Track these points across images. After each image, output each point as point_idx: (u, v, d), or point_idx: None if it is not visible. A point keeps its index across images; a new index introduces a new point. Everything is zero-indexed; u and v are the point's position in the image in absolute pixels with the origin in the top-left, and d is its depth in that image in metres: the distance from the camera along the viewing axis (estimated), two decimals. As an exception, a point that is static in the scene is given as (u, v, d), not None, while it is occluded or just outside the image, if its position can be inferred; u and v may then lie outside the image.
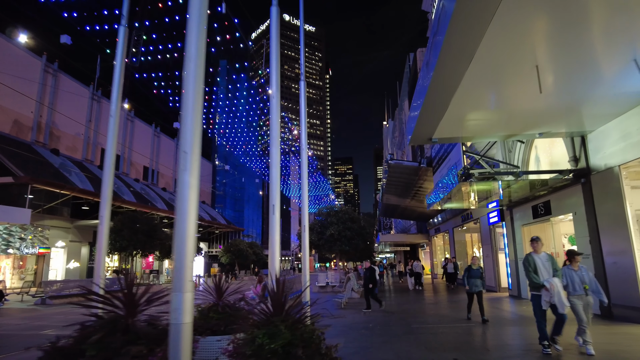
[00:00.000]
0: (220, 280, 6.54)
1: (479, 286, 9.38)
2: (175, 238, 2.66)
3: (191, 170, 2.72)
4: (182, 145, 2.76)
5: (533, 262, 6.17)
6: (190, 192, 2.72)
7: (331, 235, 20.90)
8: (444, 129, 8.57)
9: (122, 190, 30.45)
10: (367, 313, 11.50)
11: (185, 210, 2.70)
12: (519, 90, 7.08)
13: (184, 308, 2.56)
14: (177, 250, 2.64)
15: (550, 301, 5.80)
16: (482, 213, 17.88)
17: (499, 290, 16.13)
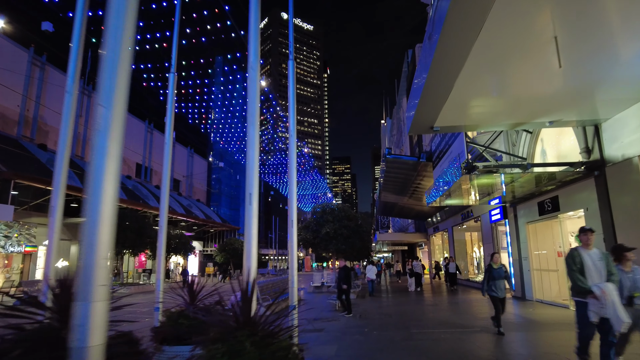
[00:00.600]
0: (194, 282, 5.80)
1: (504, 290, 7.93)
2: (84, 225, 1.90)
3: (110, 131, 1.97)
4: (100, 98, 2.01)
5: (580, 259, 4.59)
6: (108, 162, 1.97)
7: (327, 234, 20.16)
8: (446, 116, 7.84)
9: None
10: (353, 317, 10.76)
11: (100, 184, 1.94)
12: (529, 72, 6.36)
13: (92, 324, 1.80)
14: (85, 242, 1.89)
15: (599, 313, 4.33)
16: (483, 211, 17.18)
17: (501, 291, 15.43)
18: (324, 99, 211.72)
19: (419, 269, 18.69)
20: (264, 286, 12.01)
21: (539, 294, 12.11)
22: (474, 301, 13.48)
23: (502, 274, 7.99)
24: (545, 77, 6.58)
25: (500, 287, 7.88)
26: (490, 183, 10.07)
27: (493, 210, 15.61)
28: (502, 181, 12.20)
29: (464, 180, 10.02)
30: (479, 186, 10.56)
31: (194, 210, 41.81)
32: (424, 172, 15.74)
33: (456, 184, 10.27)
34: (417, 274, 18.50)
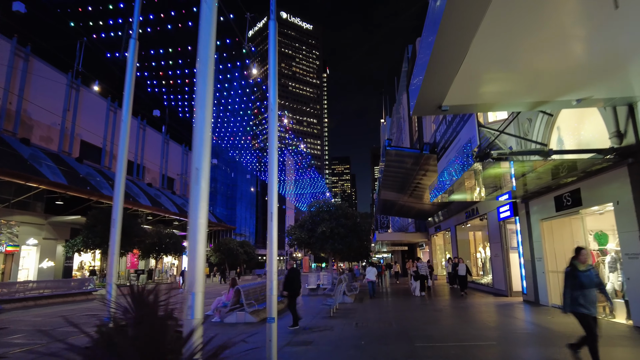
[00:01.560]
0: (144, 288, 4.62)
1: (596, 303, 5.31)
2: None
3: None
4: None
5: None
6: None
7: (322, 233, 18.98)
8: (456, 93, 6.67)
9: (102, 185, 28.41)
10: (349, 325, 9.56)
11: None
12: (555, 36, 5.20)
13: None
14: None
15: None
16: (490, 208, 16.03)
17: (511, 295, 14.26)
18: (323, 99, 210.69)
19: (424, 271, 16.98)
20: (250, 290, 10.83)
21: (556, 298, 10.93)
22: (484, 307, 12.30)
23: (594, 279, 5.30)
24: (574, 43, 5.43)
25: (592, 300, 5.22)
26: (504, 173, 8.91)
27: (502, 207, 14.45)
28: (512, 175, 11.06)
29: (474, 171, 8.86)
30: (491, 177, 9.40)
31: (188, 209, 40.61)
32: (426, 166, 14.56)
33: (466, 175, 9.11)
34: (422, 276, 16.76)
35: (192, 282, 2.87)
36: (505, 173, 8.81)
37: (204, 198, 3.02)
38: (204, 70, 3.10)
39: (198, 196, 2.99)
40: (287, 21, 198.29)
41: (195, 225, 2.96)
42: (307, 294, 18.68)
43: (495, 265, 15.73)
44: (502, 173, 8.80)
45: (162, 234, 27.67)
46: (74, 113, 30.23)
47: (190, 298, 2.87)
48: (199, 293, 2.88)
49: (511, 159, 8.01)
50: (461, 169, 9.02)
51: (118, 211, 5.89)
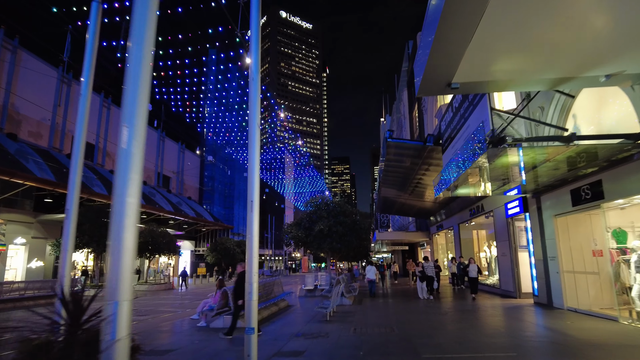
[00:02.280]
0: (81, 294, 3.72)
1: None
2: None
3: None
4: None
5: None
6: None
7: (320, 231, 18.06)
8: (467, 69, 5.79)
9: (93, 182, 27.52)
10: (347, 331, 8.67)
11: None
12: None
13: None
14: None
15: None
16: (497, 204, 15.16)
17: (520, 296, 13.38)
18: (322, 98, 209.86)
19: (431, 271, 15.29)
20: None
21: (572, 301, 10.06)
22: (493, 309, 11.42)
23: None
24: (603, 5, 4.56)
25: None
26: (518, 162, 8.02)
27: (510, 202, 13.58)
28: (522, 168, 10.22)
29: (485, 160, 7.97)
30: (503, 168, 8.51)
31: (184, 208, 39.69)
32: (430, 160, 13.67)
33: (476, 165, 8.21)
34: (430, 277, 15.18)
35: (114, 288, 1.99)
36: (519, 162, 7.93)
37: (134, 176, 2.15)
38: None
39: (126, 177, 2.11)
40: (286, 20, 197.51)
41: (122, 205, 2.09)
42: (305, 295, 17.80)
43: (503, 265, 14.86)
44: (517, 162, 7.92)
45: (155, 232, 26.77)
46: (65, 108, 29.37)
47: (111, 308, 1.99)
48: (123, 302, 2.01)
49: (528, 145, 7.13)
50: (471, 158, 8.14)
51: (73, 201, 5.01)
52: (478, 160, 8.21)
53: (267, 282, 13.13)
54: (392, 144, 13.10)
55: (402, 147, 13.54)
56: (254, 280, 4.35)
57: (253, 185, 4.45)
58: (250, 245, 4.38)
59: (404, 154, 13.91)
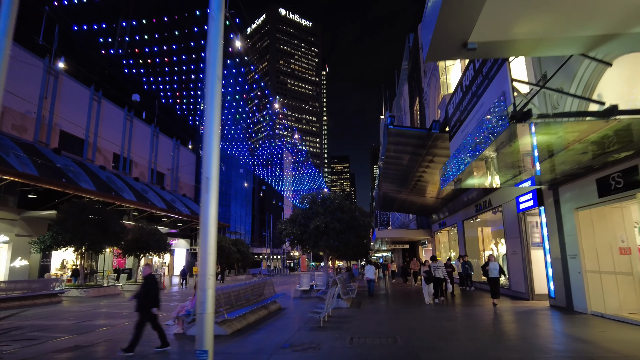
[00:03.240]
0: None
1: None
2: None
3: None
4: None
5: None
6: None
7: (316, 228, 16.91)
8: (487, 26, 4.68)
9: (80, 177, 26.35)
10: (342, 341, 7.51)
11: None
12: None
13: None
14: None
15: None
16: (506, 198, 14.02)
17: (533, 298, 12.25)
18: (322, 97, 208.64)
19: (440, 272, 13.04)
20: (221, 295, 8.79)
21: (598, 304, 8.92)
22: (507, 314, 10.28)
23: None
24: None
25: None
26: (542, 144, 6.87)
27: (522, 196, 12.44)
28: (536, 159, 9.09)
29: (504, 141, 6.83)
30: (524, 150, 7.33)
31: (178, 205, 38.53)
32: (435, 149, 12.52)
33: (492, 149, 7.07)
34: (438, 279, 12.98)
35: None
36: (550, 142, 6.76)
37: None
38: None
39: None
40: (285, 18, 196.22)
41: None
42: (299, 297, 16.68)
43: (513, 264, 13.72)
44: (542, 143, 6.76)
45: (144, 230, 25.60)
46: (52, 101, 28.15)
47: None
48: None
49: (558, 121, 5.98)
50: (486, 140, 7.00)
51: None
52: (493, 143, 7.06)
53: (256, 283, 11.99)
54: (393, 132, 11.95)
55: (405, 136, 12.38)
56: (208, 285, 3.22)
57: (210, 156, 3.32)
58: (204, 237, 3.26)
59: (407, 143, 12.76)
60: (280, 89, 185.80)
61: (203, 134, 2.91)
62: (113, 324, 10.16)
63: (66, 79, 29.81)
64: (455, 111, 9.80)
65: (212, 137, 3.34)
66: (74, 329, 9.28)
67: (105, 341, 7.78)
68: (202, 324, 3.16)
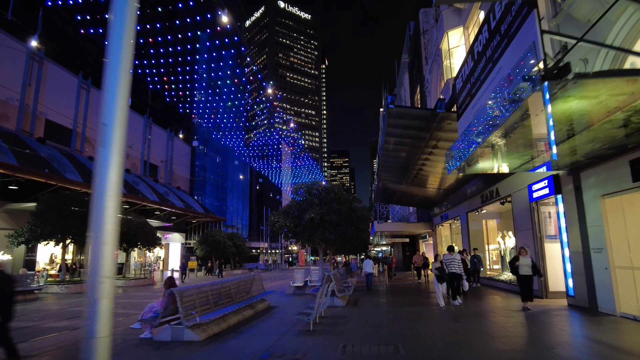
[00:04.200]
0: None
1: None
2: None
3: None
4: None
5: None
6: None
7: (311, 220, 15.77)
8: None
9: (66, 168, 25.15)
10: (334, 350, 6.37)
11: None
12: None
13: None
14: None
15: None
16: (516, 187, 12.86)
17: (547, 296, 11.12)
18: (321, 90, 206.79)
19: (458, 268, 10.77)
20: (195, 294, 7.64)
21: (630, 305, 7.79)
22: (521, 315, 9.16)
23: None
24: None
25: None
26: (578, 113, 5.67)
27: (535, 183, 11.28)
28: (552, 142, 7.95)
29: (526, 112, 5.64)
30: (561, 119, 6.09)
31: (171, 198, 37.34)
32: (439, 132, 11.33)
33: (515, 119, 5.88)
34: (454, 275, 10.70)
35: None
36: (581, 111, 5.55)
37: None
38: None
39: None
40: (285, 11, 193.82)
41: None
42: (293, 293, 15.57)
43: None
44: (579, 111, 5.55)
45: (132, 223, 24.46)
46: (37, 88, 26.88)
47: None
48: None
49: (603, 80, 4.79)
50: (505, 111, 5.80)
51: None
52: (514, 113, 5.87)
53: (242, 279, 10.85)
54: (394, 112, 10.75)
55: (407, 116, 11.18)
56: (101, 294, 2.05)
57: (112, 93, 2.16)
58: (98, 216, 2.13)
59: (409, 125, 11.56)
60: (280, 82, 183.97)
61: (105, 64, 1.82)
62: (76, 326, 9.02)
63: (52, 66, 28.49)
64: (465, 85, 8.59)
65: (118, 65, 2.16)
66: (25, 334, 8.14)
67: (48, 352, 6.65)
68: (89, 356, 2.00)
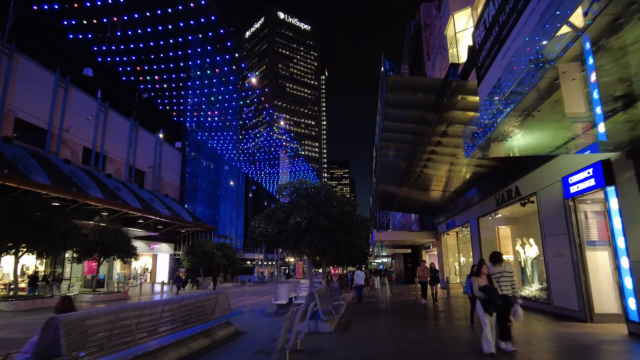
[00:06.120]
0: None
1: None
2: None
3: None
4: None
5: None
6: None
7: (297, 225, 13.36)
8: None
9: (33, 170, 22.81)
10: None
11: None
12: None
13: None
14: None
15: None
16: (543, 183, 10.50)
17: (592, 320, 8.64)
18: (321, 101, 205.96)
19: (510, 287, 6.62)
20: (131, 316, 5.20)
21: None
22: (569, 349, 6.71)
23: None
24: None
25: None
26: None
27: (573, 175, 8.90)
28: (600, 117, 5.84)
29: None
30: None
31: (157, 205, 34.90)
32: (452, 111, 9.00)
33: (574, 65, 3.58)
34: (505, 298, 6.39)
35: None
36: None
37: None
38: None
39: None
40: (284, 21, 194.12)
41: None
42: (274, 312, 13.06)
43: (556, 270, 10.14)
44: None
45: (105, 230, 22.03)
46: (5, 84, 24.74)
47: None
48: None
49: None
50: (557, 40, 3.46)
51: None
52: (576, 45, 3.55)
53: (200, 297, 8.38)
54: (394, 83, 8.43)
55: (410, 90, 8.84)
56: None
57: None
58: None
59: (413, 103, 9.25)
60: (279, 92, 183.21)
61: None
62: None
63: (24, 61, 26.42)
64: (489, 32, 6.29)
65: None
66: None
67: None
68: None
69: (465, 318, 10.46)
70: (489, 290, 6.15)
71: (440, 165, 13.80)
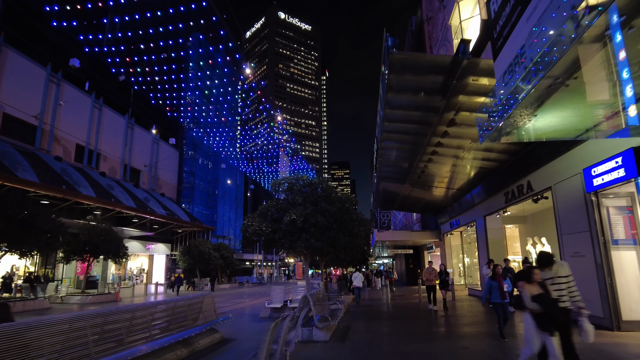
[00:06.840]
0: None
1: None
2: None
3: None
4: None
5: None
6: None
7: (292, 223, 12.46)
8: None
9: (19, 167, 21.94)
10: None
11: None
12: None
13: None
14: None
15: None
16: (560, 176, 9.59)
17: (620, 328, 7.72)
18: (322, 101, 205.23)
19: (568, 297, 4.72)
20: (87, 326, 4.30)
21: None
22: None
23: None
24: None
25: None
26: None
27: (597, 165, 7.98)
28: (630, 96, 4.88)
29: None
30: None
31: (152, 204, 34.00)
32: (461, 96, 8.10)
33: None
34: (564, 313, 4.49)
35: None
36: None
37: None
38: None
39: None
40: (284, 21, 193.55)
41: None
42: (267, 317, 12.17)
43: (575, 272, 9.18)
44: None
45: (94, 229, 21.14)
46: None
47: None
48: None
49: None
50: None
51: None
52: None
53: (181, 301, 7.48)
54: (398, 62, 7.53)
55: (416, 69, 7.91)
56: None
57: None
58: None
59: (418, 86, 8.35)
60: (280, 93, 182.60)
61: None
62: None
63: (13, 54, 25.57)
64: (501, 12, 5.39)
65: None
66: None
67: None
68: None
69: (479, 324, 9.53)
70: (548, 302, 4.35)
71: (445, 159, 12.90)
